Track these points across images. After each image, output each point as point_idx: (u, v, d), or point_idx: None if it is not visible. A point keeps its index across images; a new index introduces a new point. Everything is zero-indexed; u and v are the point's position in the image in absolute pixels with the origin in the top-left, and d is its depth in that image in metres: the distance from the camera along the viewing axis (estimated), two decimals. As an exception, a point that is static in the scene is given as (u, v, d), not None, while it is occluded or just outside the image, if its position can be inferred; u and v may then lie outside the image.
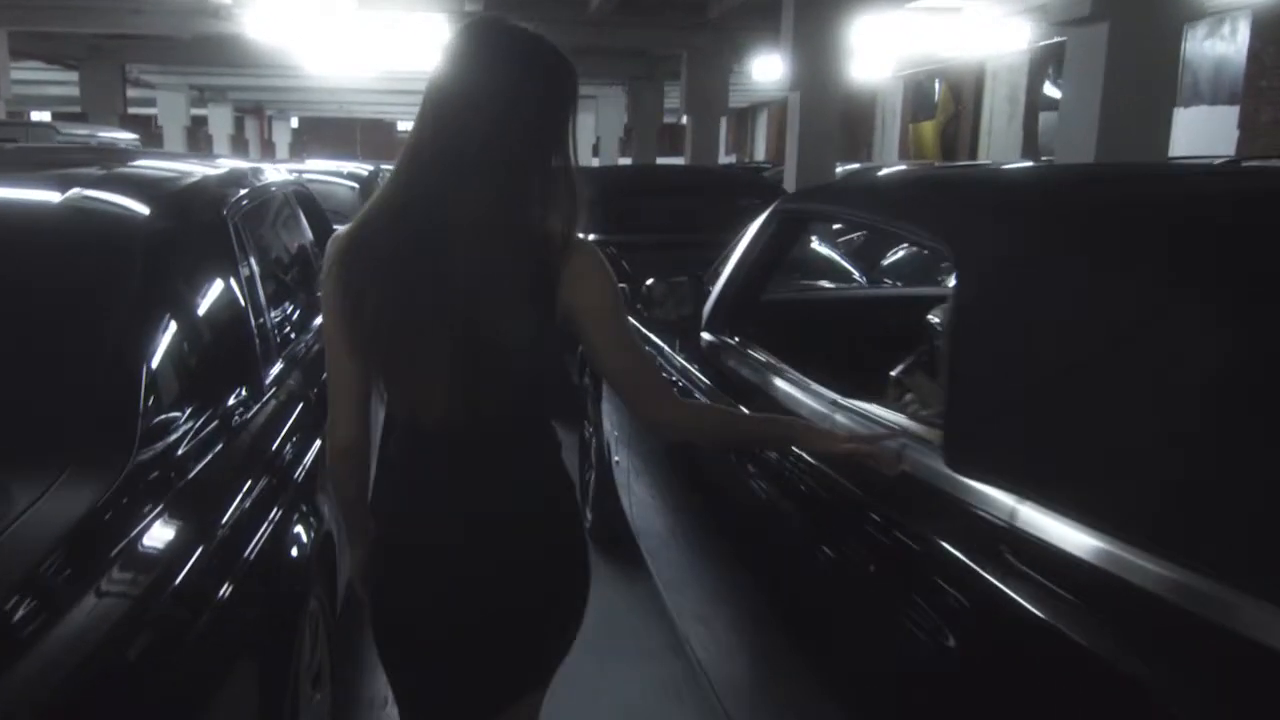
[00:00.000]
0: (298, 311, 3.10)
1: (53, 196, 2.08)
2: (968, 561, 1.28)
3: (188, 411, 1.86)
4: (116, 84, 14.36)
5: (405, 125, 31.36)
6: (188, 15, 11.42)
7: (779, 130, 21.94)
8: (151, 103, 17.75)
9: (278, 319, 2.74)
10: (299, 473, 2.22)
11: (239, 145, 22.77)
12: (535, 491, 1.50)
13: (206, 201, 2.46)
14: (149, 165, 2.94)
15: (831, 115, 8.75)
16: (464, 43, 1.35)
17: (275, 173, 3.58)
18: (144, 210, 2.13)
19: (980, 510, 1.32)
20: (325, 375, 1.50)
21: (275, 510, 1.95)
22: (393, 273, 1.35)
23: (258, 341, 2.33)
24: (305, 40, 13.04)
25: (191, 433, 1.83)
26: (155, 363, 1.83)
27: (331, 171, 7.96)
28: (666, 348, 2.99)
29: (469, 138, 1.32)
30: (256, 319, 2.38)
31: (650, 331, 3.27)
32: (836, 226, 8.61)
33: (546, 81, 1.36)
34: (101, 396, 1.70)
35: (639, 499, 3.22)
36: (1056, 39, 12.89)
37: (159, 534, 1.54)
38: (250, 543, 1.78)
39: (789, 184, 8.27)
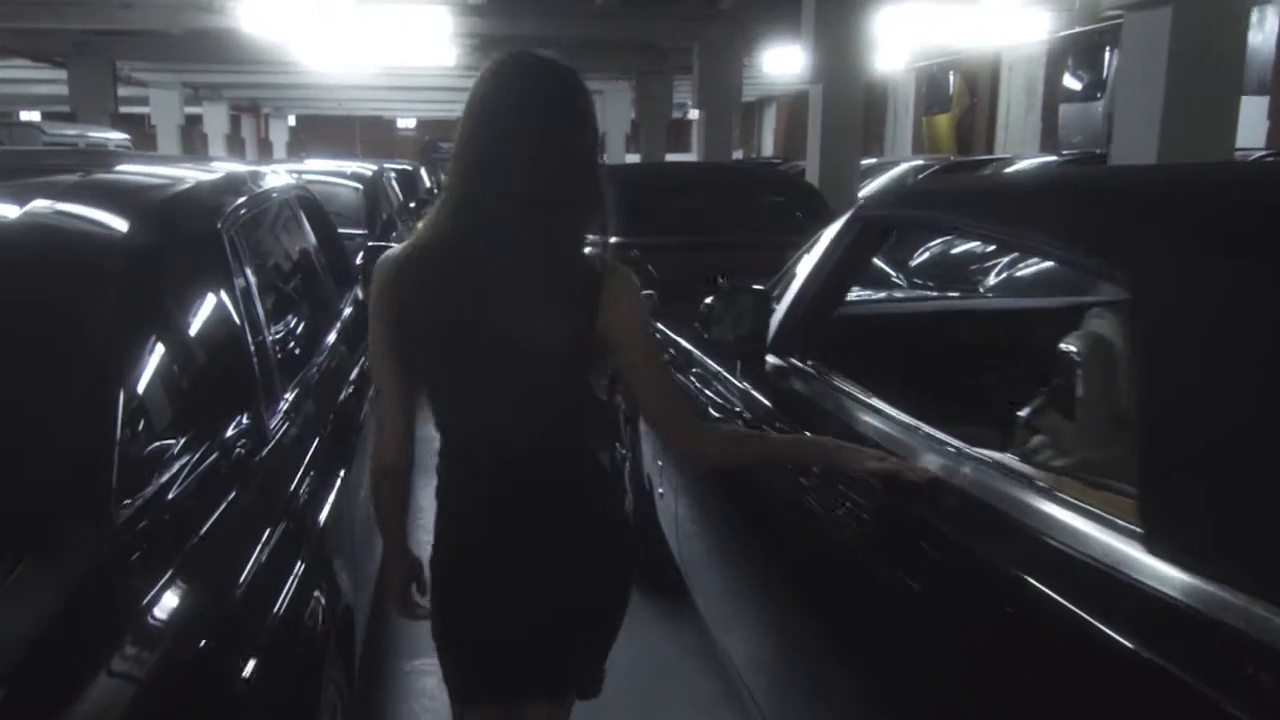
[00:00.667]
0: (306, 330, 2.76)
1: (10, 210, 1.73)
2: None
3: (175, 465, 1.52)
4: (107, 82, 13.97)
5: (405, 123, 31.03)
6: (179, 9, 11.05)
7: (788, 125, 21.58)
8: (144, 101, 17.36)
9: (284, 344, 2.39)
10: (312, 525, 1.88)
11: (235, 144, 22.39)
12: (588, 503, 1.58)
13: (198, 213, 2.11)
14: (134, 171, 2.59)
15: (855, 108, 8.41)
16: (502, 78, 1.43)
17: (276, 176, 3.24)
18: (121, 225, 1.79)
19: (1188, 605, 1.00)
20: (371, 394, 1.66)
21: (285, 580, 1.61)
22: (446, 297, 1.43)
23: (260, 375, 1.99)
24: (302, 35, 12.69)
25: (180, 485, 1.49)
26: (135, 407, 1.49)
27: (333, 172, 7.60)
28: (726, 373, 2.64)
29: (515, 171, 1.40)
30: (259, 350, 2.03)
31: (707, 356, 2.91)
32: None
33: (580, 111, 1.45)
34: (67, 457, 1.37)
35: (688, 535, 2.89)
36: (1076, 29, 12.56)
37: (140, 629, 1.25)
38: (255, 626, 1.45)
39: (809, 180, 7.92)
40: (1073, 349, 1.66)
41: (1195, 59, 4.49)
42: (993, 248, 7.58)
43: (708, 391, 2.74)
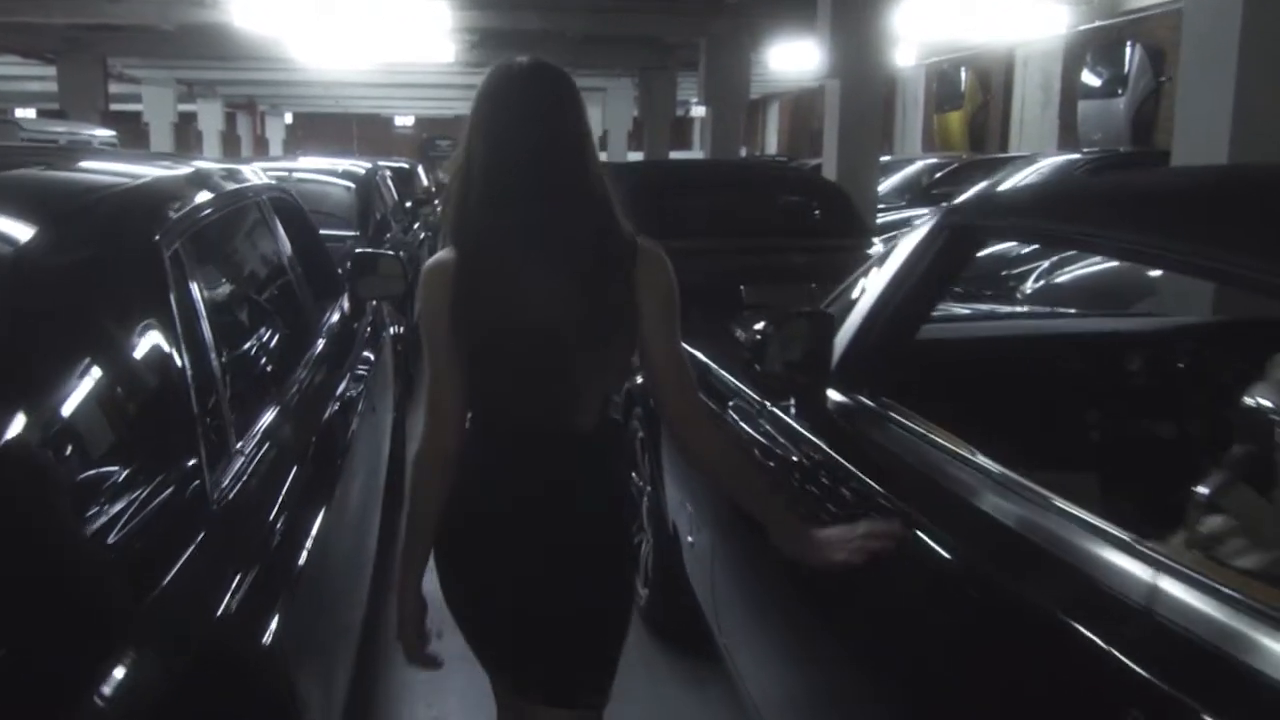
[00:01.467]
0: (278, 354, 2.35)
1: None
2: None
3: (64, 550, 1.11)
4: (97, 78, 13.57)
5: (403, 121, 30.60)
6: (171, 3, 10.65)
7: (791, 122, 21.16)
8: (137, 99, 16.96)
9: (246, 375, 1.98)
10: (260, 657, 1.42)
11: (230, 142, 21.96)
12: (607, 488, 1.64)
13: (128, 221, 1.70)
14: (72, 169, 2.18)
15: (874, 104, 8.02)
16: (518, 84, 1.54)
17: (246, 176, 2.82)
18: (19, 235, 1.38)
19: None
20: (427, 385, 1.57)
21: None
22: (490, 291, 1.50)
23: (204, 422, 1.57)
24: (297, 29, 12.31)
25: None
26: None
27: (323, 171, 7.18)
28: (777, 410, 2.21)
29: (551, 167, 1.50)
30: (203, 389, 1.61)
31: (746, 384, 2.49)
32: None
33: (579, 104, 1.56)
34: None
35: (725, 590, 2.48)
36: (1096, 24, 12.15)
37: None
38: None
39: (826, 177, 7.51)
40: (1265, 404, 1.25)
41: (1272, 45, 4.07)
42: (1028, 249, 7.22)
43: (751, 431, 2.32)
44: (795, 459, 2.04)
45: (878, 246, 5.78)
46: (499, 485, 1.59)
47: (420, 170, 11.76)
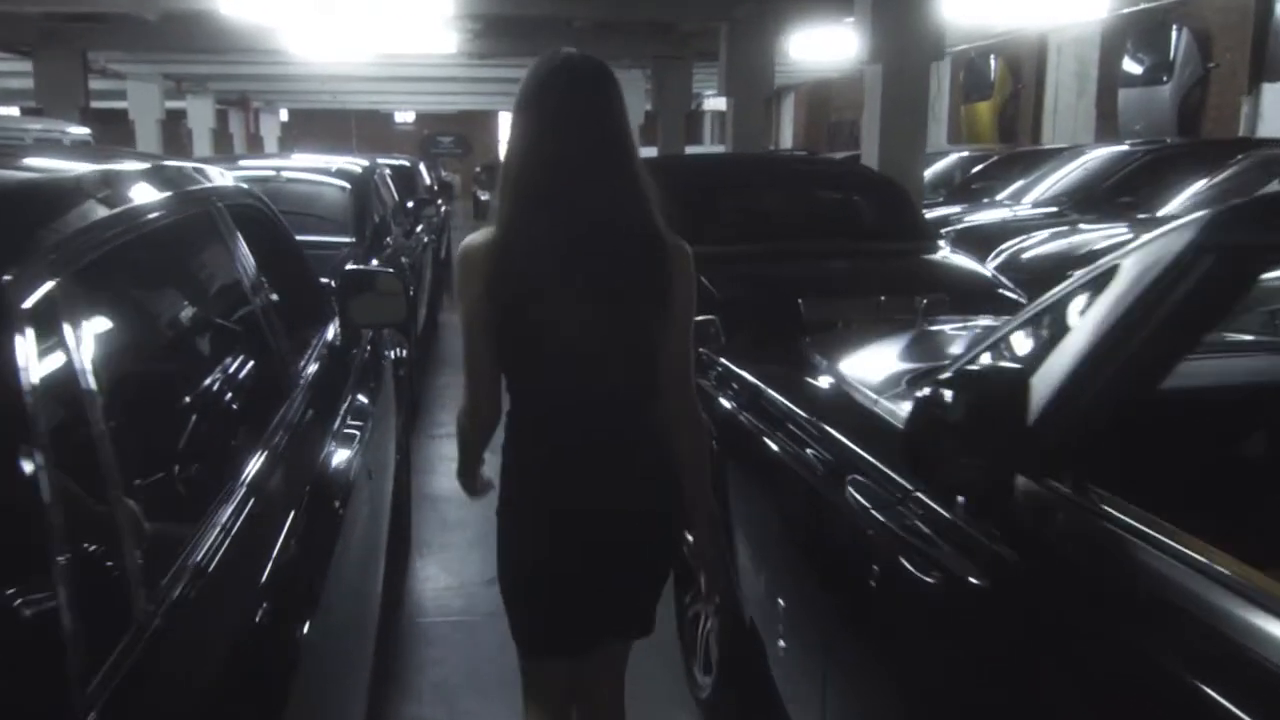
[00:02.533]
0: (235, 412, 1.68)
1: None
2: None
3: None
4: (76, 73, 12.83)
5: (403, 117, 29.84)
6: (152, -9, 9.93)
7: (808, 115, 20.41)
8: (122, 95, 16.23)
9: (180, 453, 1.31)
10: None
11: (223, 140, 21.22)
12: (653, 459, 1.74)
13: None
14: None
15: (920, 91, 7.32)
16: (565, 77, 1.65)
17: (209, 176, 2.13)
18: None
19: None
20: (465, 367, 1.70)
21: None
22: (547, 272, 1.60)
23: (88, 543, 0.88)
24: (289, 19, 11.61)
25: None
26: None
27: (317, 169, 6.47)
28: (940, 509, 1.53)
29: (599, 153, 1.64)
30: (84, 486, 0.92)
31: (889, 467, 1.80)
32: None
33: (622, 99, 1.70)
34: None
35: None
36: (1138, 6, 11.44)
37: None
38: None
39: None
40: None
41: None
42: (1101, 245, 6.52)
43: (892, 528, 1.65)
44: (976, 583, 1.35)
45: (944, 251, 5.07)
46: (550, 454, 1.69)
47: (422, 168, 11.04)
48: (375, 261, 5.82)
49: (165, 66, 16.05)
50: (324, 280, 3.24)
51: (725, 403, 2.86)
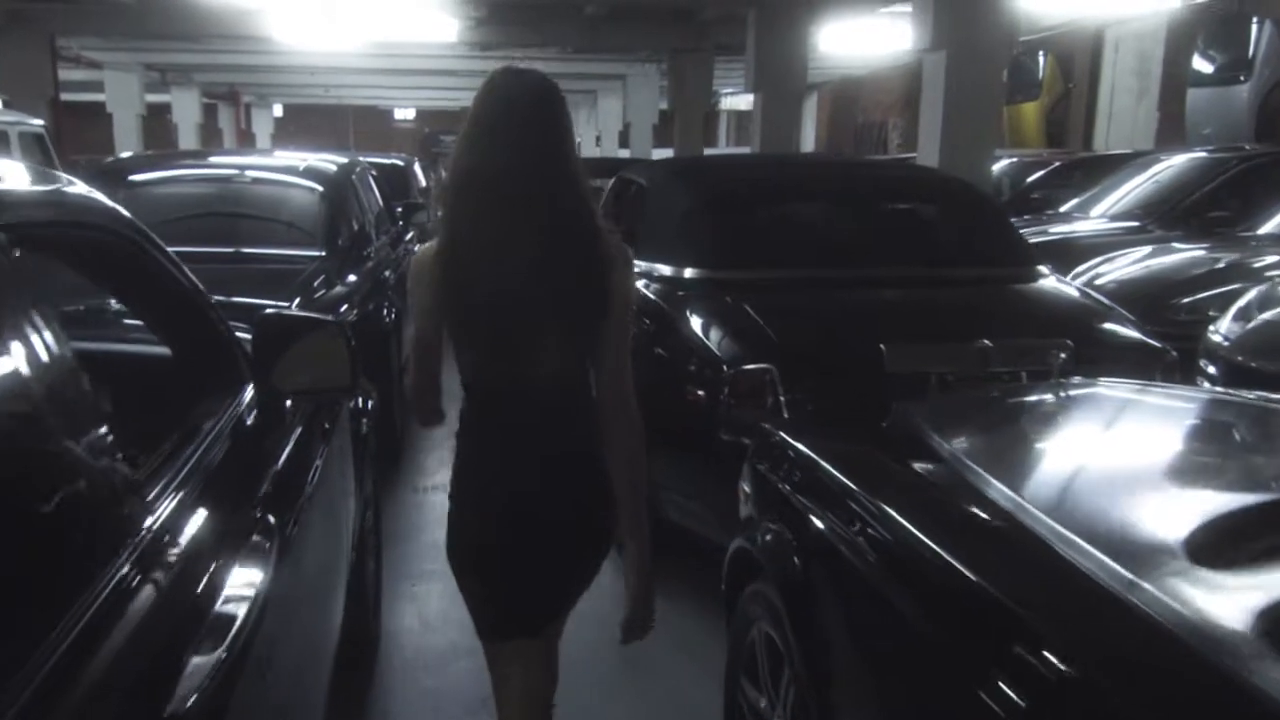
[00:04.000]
0: None
1: None
2: None
3: None
4: (44, 60, 11.79)
5: (403, 113, 28.77)
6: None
7: (831, 114, 19.31)
8: (101, 87, 15.21)
9: None
10: None
11: (211, 136, 20.16)
12: (584, 437, 1.82)
13: None
14: None
15: (994, 83, 6.28)
16: (508, 93, 1.74)
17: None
18: None
19: None
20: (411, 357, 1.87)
21: None
22: (491, 270, 1.71)
23: None
24: (276, 4, 10.59)
25: None
26: None
27: (282, 167, 5.40)
28: None
29: (542, 160, 1.72)
30: None
31: None
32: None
33: (565, 112, 1.79)
34: None
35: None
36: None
37: None
38: None
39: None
40: None
41: None
42: (1219, 267, 5.45)
43: None
44: None
45: (1049, 279, 3.98)
46: (487, 440, 1.81)
47: (417, 168, 9.96)
48: (352, 277, 4.77)
49: (146, 55, 15.02)
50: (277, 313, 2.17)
51: (817, 523, 1.84)
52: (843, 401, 3.00)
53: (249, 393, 2.01)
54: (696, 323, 3.42)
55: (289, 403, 2.11)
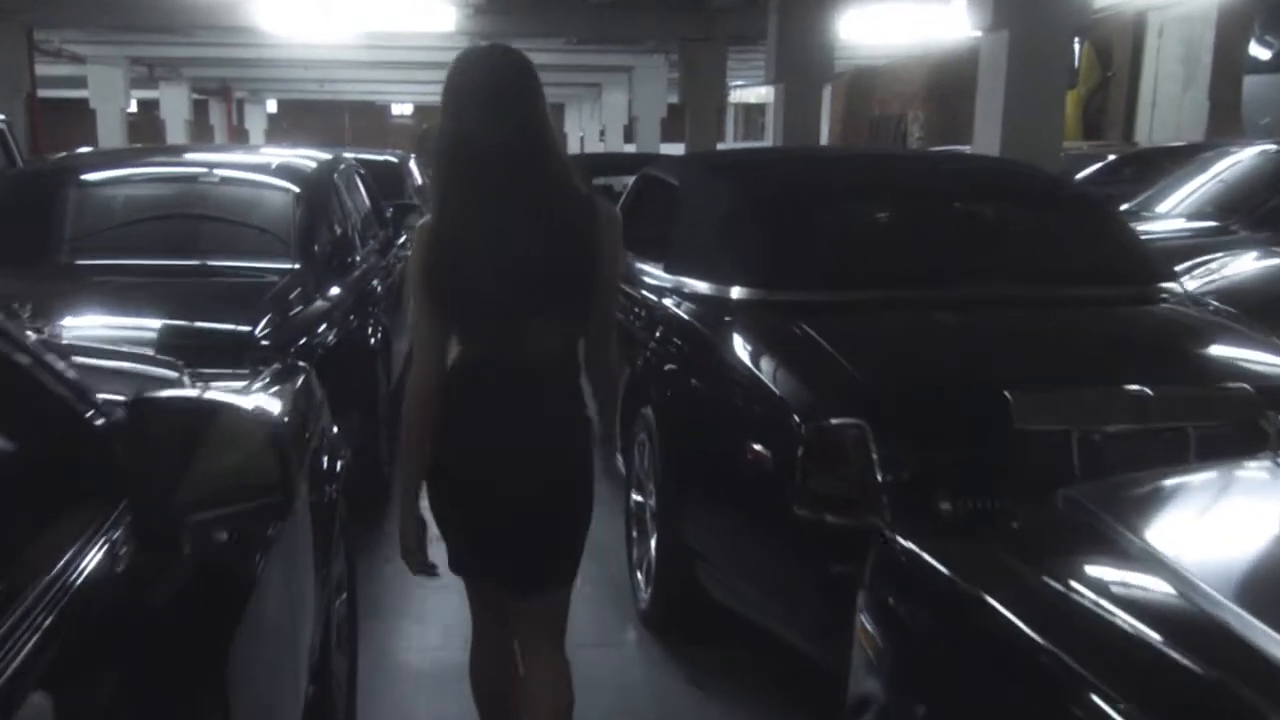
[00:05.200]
0: None
1: None
2: None
3: None
4: (20, 53, 11.09)
5: (400, 109, 28.06)
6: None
7: (846, 107, 18.56)
8: (85, 83, 14.52)
9: None
10: None
11: (202, 133, 19.45)
12: (571, 413, 1.91)
13: None
14: None
15: (1062, 67, 5.59)
16: (482, 73, 1.80)
17: None
18: None
19: None
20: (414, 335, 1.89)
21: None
22: (483, 252, 1.77)
23: None
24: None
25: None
26: None
27: (253, 165, 4.69)
28: None
29: (528, 137, 1.77)
30: None
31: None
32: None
33: (539, 87, 1.83)
34: None
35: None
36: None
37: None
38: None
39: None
40: None
41: None
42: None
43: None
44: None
45: (1182, 299, 3.21)
46: (482, 409, 1.85)
47: (413, 165, 9.24)
48: (334, 291, 4.08)
49: (131, 49, 14.33)
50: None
51: None
52: (958, 469, 2.28)
53: (118, 523, 1.28)
54: (753, 358, 2.71)
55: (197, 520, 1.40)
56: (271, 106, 23.74)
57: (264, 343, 3.33)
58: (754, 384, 2.64)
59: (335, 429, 2.73)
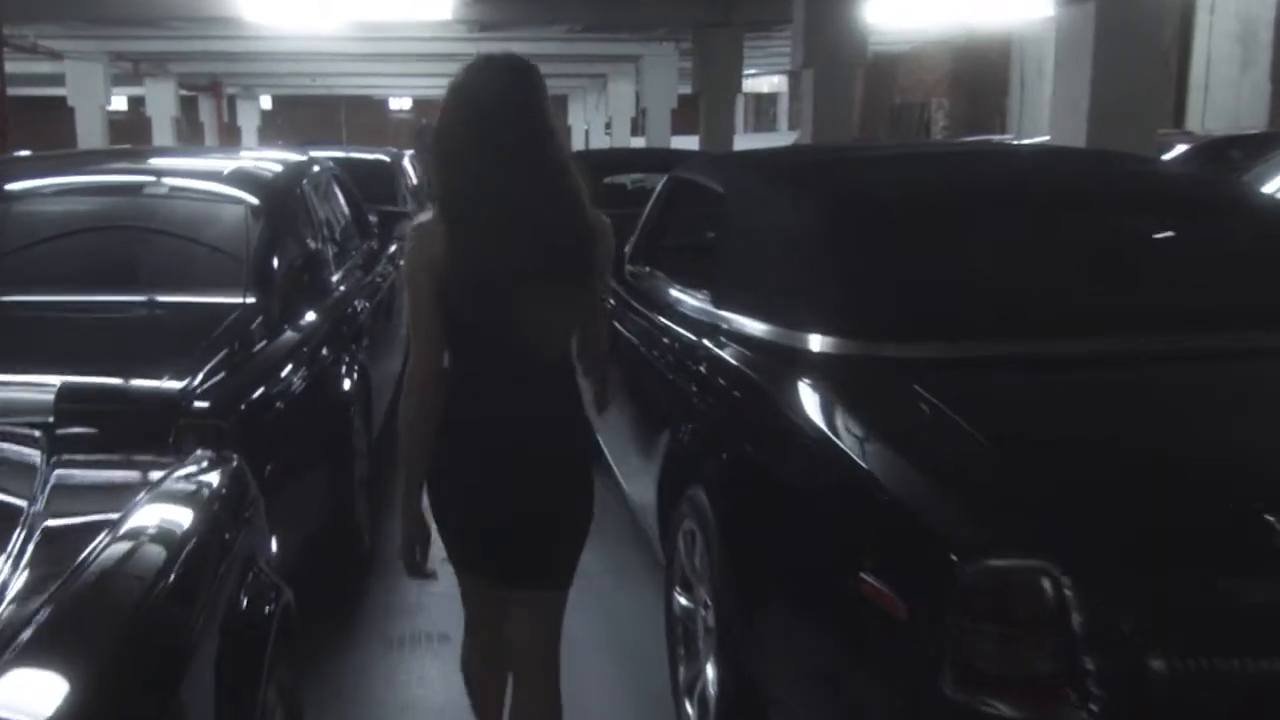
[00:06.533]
0: None
1: None
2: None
3: None
4: (-14, 48, 10.35)
5: (399, 104, 27.23)
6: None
7: (866, 96, 17.67)
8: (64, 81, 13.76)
9: None
10: None
11: (191, 131, 18.68)
12: (571, 414, 1.94)
13: None
14: None
15: (1154, 40, 4.84)
16: (501, 75, 1.82)
17: None
18: None
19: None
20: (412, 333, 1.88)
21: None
22: (474, 246, 1.79)
23: None
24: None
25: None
26: None
27: (206, 174, 3.92)
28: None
29: (534, 145, 1.81)
30: None
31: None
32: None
33: (546, 97, 1.86)
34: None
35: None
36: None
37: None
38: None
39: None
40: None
41: None
42: None
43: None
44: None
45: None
46: (484, 408, 1.87)
47: (407, 164, 8.48)
48: (305, 321, 3.34)
49: (112, 43, 13.57)
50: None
51: None
52: (1211, 648, 1.51)
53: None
54: (861, 443, 1.94)
55: None
56: (266, 103, 22.94)
57: (198, 405, 2.59)
58: (866, 485, 1.86)
59: (272, 549, 2.00)
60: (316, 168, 4.58)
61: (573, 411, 1.93)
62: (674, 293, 3.05)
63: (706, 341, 2.57)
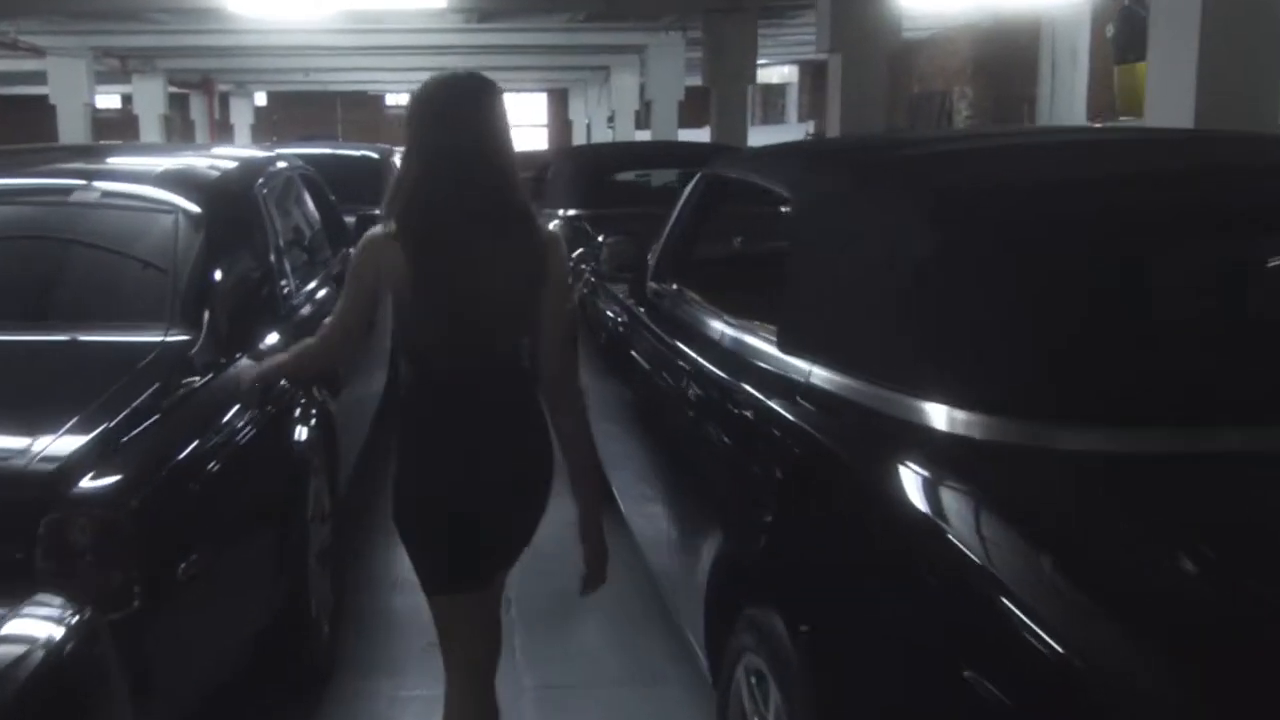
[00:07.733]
0: None
1: None
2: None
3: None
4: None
5: (395, 99, 26.55)
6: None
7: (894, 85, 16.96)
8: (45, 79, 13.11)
9: None
10: None
11: (181, 128, 17.99)
12: (527, 412, 2.00)
13: None
14: None
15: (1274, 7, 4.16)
16: (448, 97, 1.93)
17: None
18: None
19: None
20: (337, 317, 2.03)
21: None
22: (426, 259, 1.87)
23: None
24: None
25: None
26: None
27: (137, 176, 3.24)
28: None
29: (485, 155, 1.90)
30: None
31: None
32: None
33: (503, 111, 1.95)
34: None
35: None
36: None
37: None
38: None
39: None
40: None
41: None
42: None
43: None
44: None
45: None
46: (441, 409, 1.94)
47: (397, 161, 7.79)
48: (261, 349, 2.68)
49: (96, 39, 12.91)
50: None
51: None
52: None
53: None
54: (1014, 574, 1.27)
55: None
56: (261, 99, 22.23)
57: (77, 491, 1.91)
58: (1034, 643, 1.18)
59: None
60: (278, 166, 3.91)
61: (535, 420, 1.99)
62: (716, 324, 2.37)
63: (776, 405, 1.87)
